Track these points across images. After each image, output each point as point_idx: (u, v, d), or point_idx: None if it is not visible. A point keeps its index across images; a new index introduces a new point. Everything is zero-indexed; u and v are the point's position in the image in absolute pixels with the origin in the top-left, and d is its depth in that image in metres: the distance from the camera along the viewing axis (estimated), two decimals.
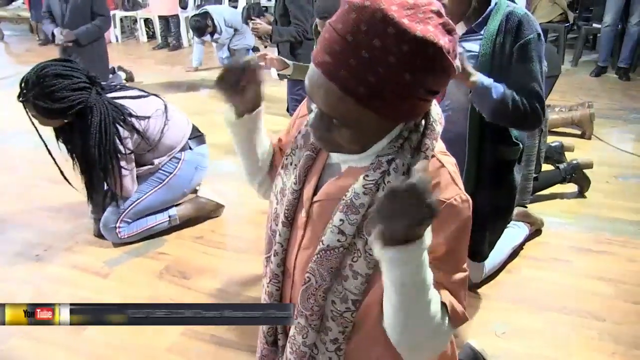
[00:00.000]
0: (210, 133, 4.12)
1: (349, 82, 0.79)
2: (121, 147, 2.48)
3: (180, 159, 2.73)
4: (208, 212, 2.97)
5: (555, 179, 3.06)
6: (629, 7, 5.58)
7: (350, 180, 0.95)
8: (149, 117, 2.56)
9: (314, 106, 0.88)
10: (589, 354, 1.97)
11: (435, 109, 0.97)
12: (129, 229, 2.67)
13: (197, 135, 2.86)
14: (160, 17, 7.99)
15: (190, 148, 2.78)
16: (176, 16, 7.89)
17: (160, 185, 2.71)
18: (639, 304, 2.22)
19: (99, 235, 2.73)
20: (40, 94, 2.29)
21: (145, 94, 2.67)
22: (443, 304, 0.92)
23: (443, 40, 0.79)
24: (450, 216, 0.91)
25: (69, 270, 2.52)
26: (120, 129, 2.46)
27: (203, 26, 6.08)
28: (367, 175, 0.92)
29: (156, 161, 2.68)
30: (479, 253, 2.16)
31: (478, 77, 1.73)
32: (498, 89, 1.74)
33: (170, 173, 2.72)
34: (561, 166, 3.04)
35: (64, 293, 2.35)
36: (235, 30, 6.47)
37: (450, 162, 0.96)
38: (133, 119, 2.50)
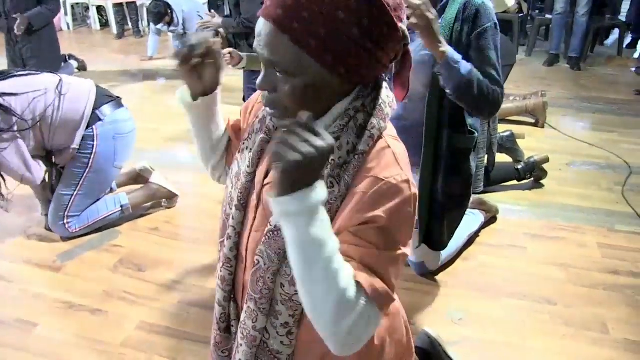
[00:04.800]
0: (165, 123, 4.06)
1: (284, 20, 0.83)
2: None
3: (93, 135, 2.52)
4: (161, 199, 2.91)
5: (512, 176, 3.11)
6: None
7: None
8: (14, 94, 2.31)
9: (263, 69, 0.91)
10: (542, 337, 2.02)
11: (387, 92, 0.98)
12: (80, 222, 2.60)
13: (107, 102, 2.59)
14: (115, 5, 7.76)
15: (101, 119, 2.53)
16: (134, 3, 7.68)
17: (87, 170, 2.55)
18: (587, 287, 2.29)
19: (50, 228, 2.65)
20: None
21: (32, 73, 2.46)
22: (358, 283, 0.85)
23: None
24: (388, 194, 0.89)
25: (19, 266, 2.45)
26: None
27: (162, 12, 5.95)
28: None
29: (69, 142, 2.48)
30: (439, 242, 2.18)
31: (448, 48, 1.74)
32: (466, 65, 1.76)
33: (90, 153, 2.53)
34: (519, 166, 3.09)
35: (15, 289, 2.28)
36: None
37: (398, 146, 0.95)
38: None
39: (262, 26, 0.87)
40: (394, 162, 0.91)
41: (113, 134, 2.58)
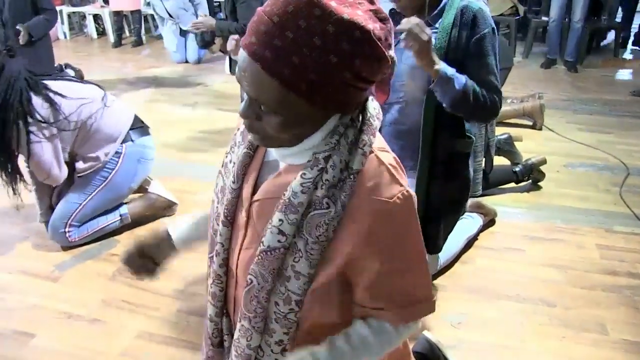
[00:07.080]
0: (161, 131, 4.05)
1: (273, 63, 0.78)
2: (32, 111, 2.32)
3: (121, 153, 2.60)
4: (159, 209, 2.91)
5: (510, 178, 3.11)
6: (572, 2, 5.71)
7: (289, 178, 0.93)
8: (65, 96, 2.40)
9: (244, 95, 0.87)
10: (541, 339, 2.02)
11: (372, 104, 0.96)
12: (79, 232, 2.59)
13: (139, 127, 2.71)
14: (116, 13, 7.71)
15: (132, 140, 2.64)
16: (138, 11, 7.63)
17: (104, 184, 2.59)
18: (586, 289, 2.29)
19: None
20: None
21: (80, 80, 2.56)
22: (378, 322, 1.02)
23: (372, 26, 0.79)
24: (396, 214, 0.90)
25: (17, 277, 2.44)
26: (33, 95, 2.32)
27: None
28: (304, 174, 0.90)
29: (99, 154, 2.54)
30: (434, 245, 2.18)
31: (442, 65, 1.74)
32: (460, 79, 1.76)
33: (112, 169, 2.59)
34: (516, 169, 3.09)
35: (12, 300, 2.27)
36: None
37: (389, 157, 0.94)
38: (48, 92, 2.37)
39: (246, 63, 0.81)
40: (392, 180, 0.91)
41: (139, 156, 2.67)
